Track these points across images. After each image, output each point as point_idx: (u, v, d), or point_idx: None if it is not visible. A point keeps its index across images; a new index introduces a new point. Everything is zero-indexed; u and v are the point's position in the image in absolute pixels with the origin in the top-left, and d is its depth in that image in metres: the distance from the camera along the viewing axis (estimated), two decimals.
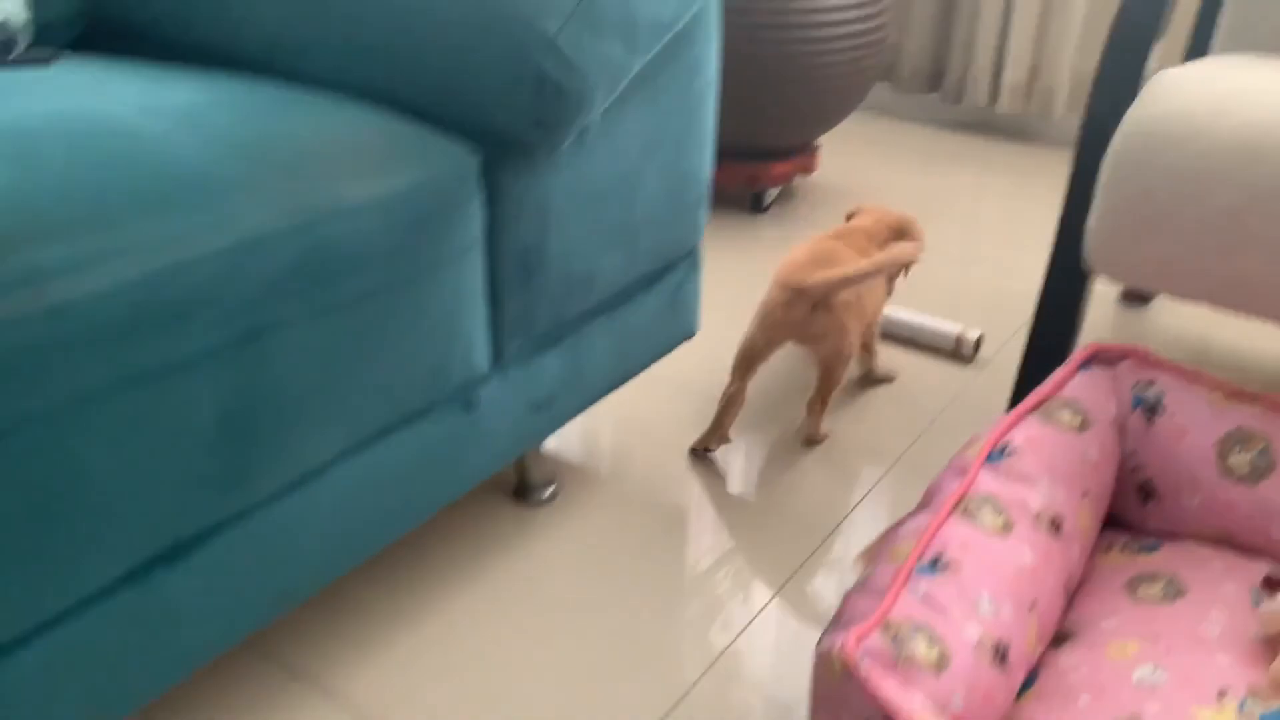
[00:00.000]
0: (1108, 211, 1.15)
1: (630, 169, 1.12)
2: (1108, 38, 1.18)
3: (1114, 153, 1.14)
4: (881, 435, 1.48)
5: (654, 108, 1.12)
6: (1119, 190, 1.13)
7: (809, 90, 2.01)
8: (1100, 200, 1.16)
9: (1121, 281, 1.18)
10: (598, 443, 1.44)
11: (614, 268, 1.15)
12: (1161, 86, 1.14)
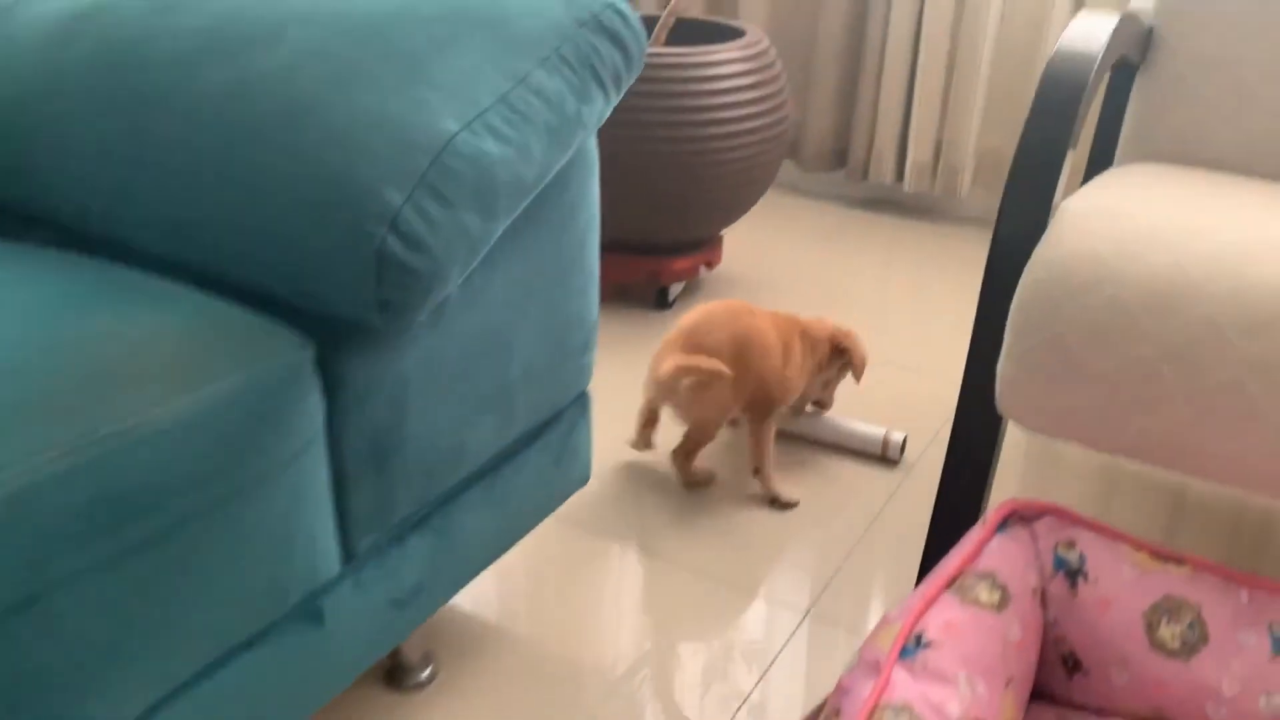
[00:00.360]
0: (1017, 357, 1.07)
1: (502, 328, 1.01)
2: (1014, 160, 1.11)
3: (1021, 295, 1.07)
4: (799, 572, 1.38)
5: (526, 260, 1.02)
6: (1028, 336, 1.06)
7: (709, 189, 1.92)
8: (1009, 344, 1.08)
9: (1034, 431, 1.10)
10: (479, 605, 1.32)
11: (487, 434, 1.04)
12: (1068, 223, 1.07)
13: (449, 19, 0.92)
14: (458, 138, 0.84)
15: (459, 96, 0.87)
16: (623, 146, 1.86)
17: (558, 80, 0.93)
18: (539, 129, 0.91)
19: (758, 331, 1.52)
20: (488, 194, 0.86)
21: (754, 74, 1.91)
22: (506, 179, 0.88)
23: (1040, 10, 2.31)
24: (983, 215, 2.62)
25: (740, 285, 2.21)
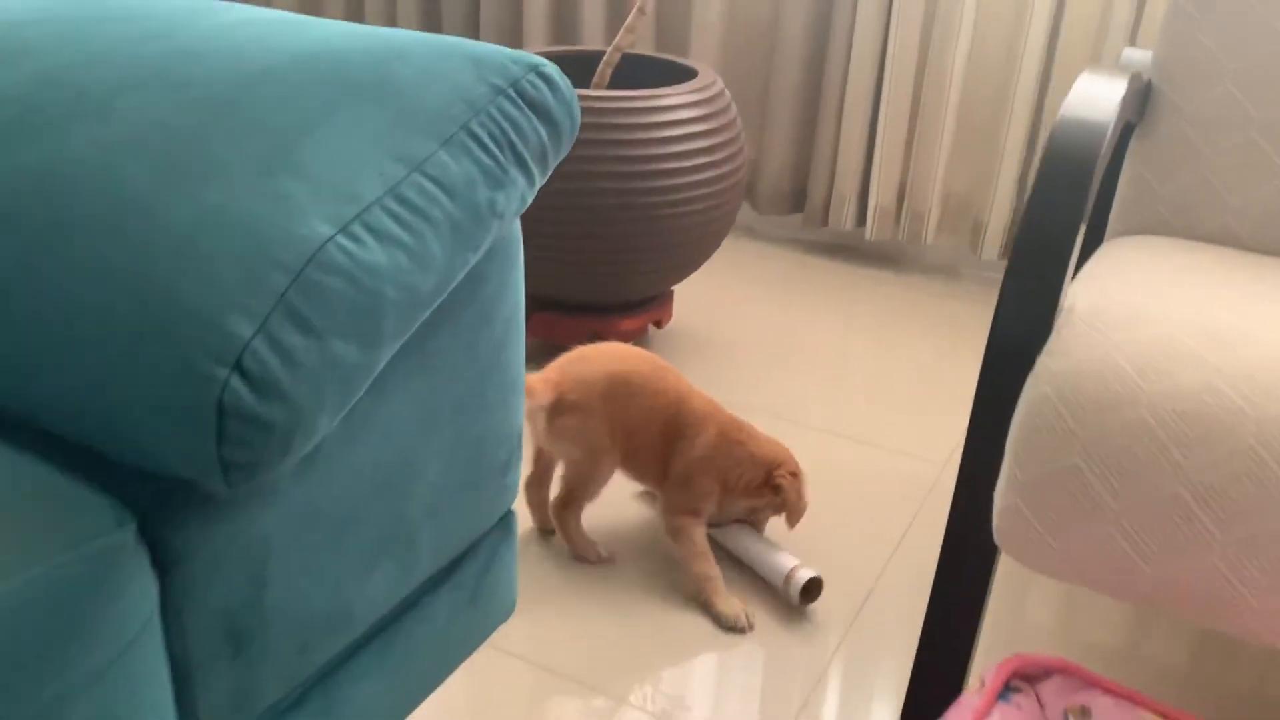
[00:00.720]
0: (1021, 488, 0.90)
1: (400, 460, 0.82)
2: (1015, 246, 0.94)
3: (1026, 415, 0.90)
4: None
5: (431, 376, 0.83)
6: (1034, 464, 0.89)
7: (659, 244, 1.75)
8: (1011, 471, 0.91)
9: (1038, 571, 0.93)
10: None
11: (381, 589, 0.85)
12: (1078, 328, 0.91)
13: (324, 87, 0.73)
14: (330, 245, 0.66)
15: (334, 189, 0.68)
16: (563, 198, 1.68)
17: (466, 164, 0.75)
18: (440, 227, 0.72)
19: (651, 381, 1.41)
20: (370, 316, 0.67)
21: (708, 119, 1.74)
22: (396, 295, 0.69)
23: (1011, 47, 2.17)
24: (949, 263, 2.47)
25: (690, 344, 2.03)
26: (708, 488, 1.40)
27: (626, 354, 1.44)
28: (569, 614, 1.34)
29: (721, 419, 1.42)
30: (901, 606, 1.37)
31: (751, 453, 1.40)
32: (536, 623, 1.32)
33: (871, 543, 1.49)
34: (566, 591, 1.38)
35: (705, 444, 1.40)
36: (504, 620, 1.07)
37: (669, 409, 1.41)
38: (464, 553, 0.97)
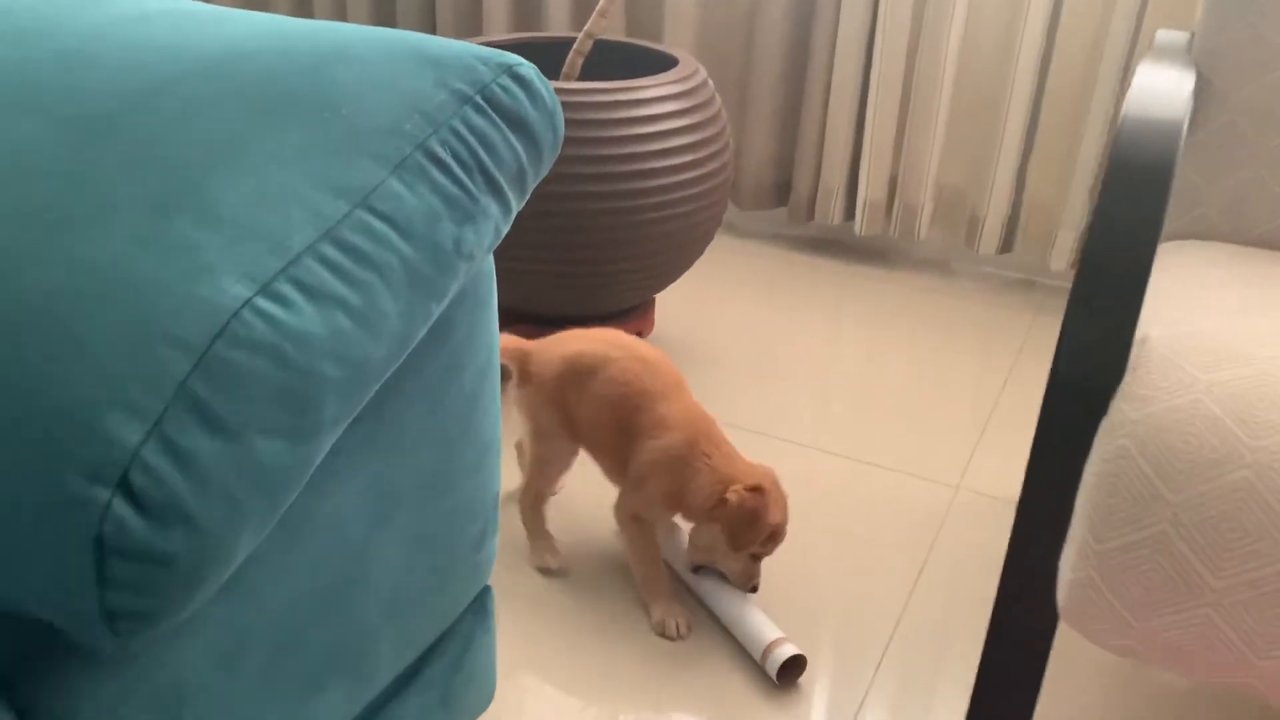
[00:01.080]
0: (1097, 558, 0.76)
1: (350, 559, 0.67)
2: (1080, 271, 0.80)
3: (1103, 473, 0.75)
4: None
5: (387, 452, 0.68)
6: (1114, 530, 0.75)
7: (639, 252, 1.59)
8: (1083, 538, 0.77)
9: (1115, 653, 0.79)
10: None
11: (332, 710, 0.69)
12: (1160, 366, 0.76)
13: (242, 101, 0.57)
14: (246, 311, 0.50)
15: (252, 236, 0.52)
16: (533, 203, 1.52)
17: (424, 193, 0.59)
18: (393, 277, 0.57)
19: (620, 373, 1.29)
20: (302, 401, 0.51)
21: (691, 113, 1.58)
22: (338, 372, 0.53)
23: (1009, 28, 2.03)
24: (943, 259, 2.33)
25: (672, 355, 1.88)
26: (655, 495, 1.26)
27: (610, 340, 1.33)
28: (552, 674, 1.19)
29: (696, 430, 1.26)
30: (924, 665, 1.24)
31: (714, 467, 1.24)
32: (520, 687, 1.17)
33: (882, 585, 1.35)
34: (551, 640, 1.23)
35: (661, 449, 1.25)
36: (481, 712, 0.92)
37: (628, 404, 1.28)
38: (432, 647, 0.82)
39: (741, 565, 1.25)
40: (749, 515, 1.20)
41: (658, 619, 1.25)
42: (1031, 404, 1.78)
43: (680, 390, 1.30)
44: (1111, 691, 1.21)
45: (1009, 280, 2.26)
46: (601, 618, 1.28)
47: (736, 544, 1.21)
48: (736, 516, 1.20)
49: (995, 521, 1.48)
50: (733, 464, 1.25)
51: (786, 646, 1.18)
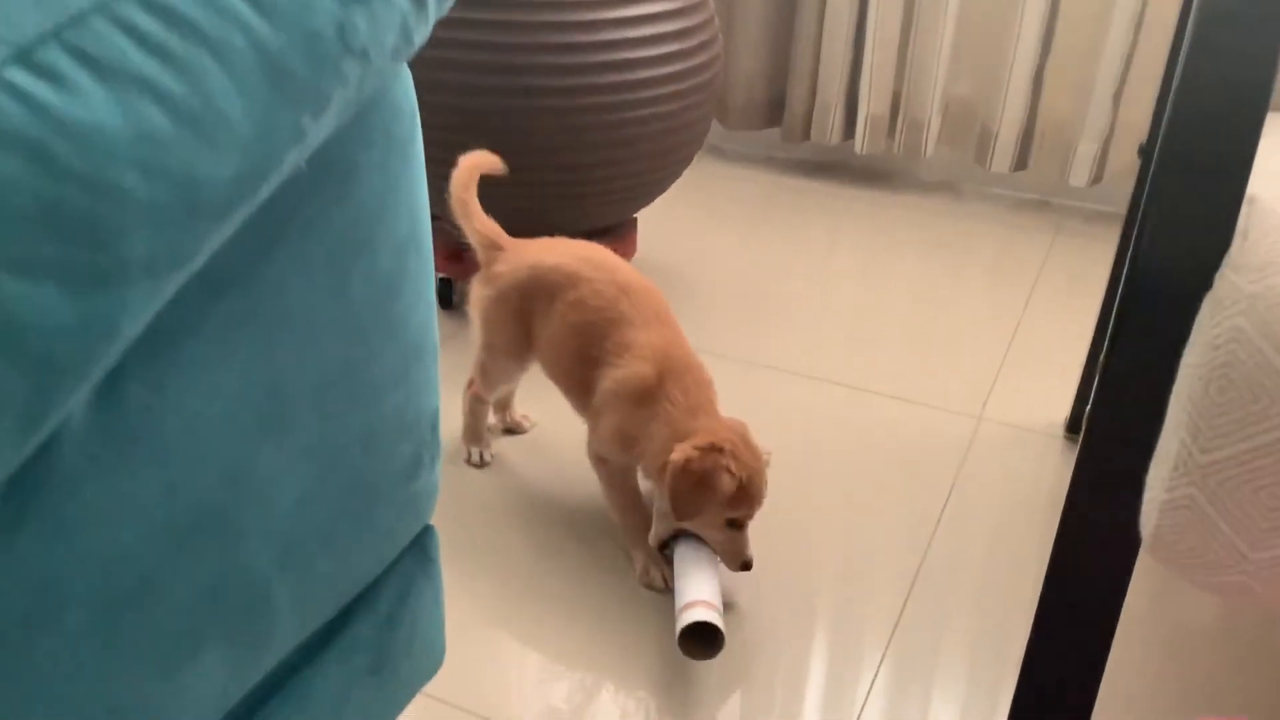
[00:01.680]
0: (1202, 474, 0.59)
1: (220, 482, 0.50)
2: (1164, 132, 0.62)
3: (1209, 363, 0.59)
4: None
5: (268, 337, 0.50)
6: (1225, 436, 0.58)
7: (617, 162, 1.41)
8: (1183, 448, 0.60)
9: (1220, 594, 0.63)
10: None
11: (215, 678, 0.53)
12: (1276, 227, 0.59)
13: None
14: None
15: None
16: (497, 104, 1.34)
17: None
18: (239, 62, 0.39)
19: (589, 294, 1.13)
20: (86, 225, 0.34)
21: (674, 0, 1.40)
22: (150, 190, 0.36)
23: None
24: (951, 179, 2.15)
25: (656, 281, 1.71)
26: (606, 432, 1.11)
27: (590, 257, 1.17)
28: (501, 640, 1.03)
29: (668, 368, 1.08)
30: (951, 613, 1.08)
31: (672, 418, 1.05)
32: (466, 657, 1.01)
33: (900, 525, 1.19)
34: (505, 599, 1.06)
35: (618, 379, 1.09)
36: (427, 680, 0.75)
37: (595, 331, 1.12)
38: (356, 601, 0.65)
39: (723, 537, 1.05)
40: (694, 480, 1.00)
41: (640, 568, 1.10)
42: (1057, 329, 1.61)
43: (662, 323, 1.13)
44: (1184, 657, 1.05)
45: (1024, 201, 2.08)
46: (581, 572, 1.12)
47: (678, 512, 1.02)
48: (678, 479, 1.00)
49: (1024, 453, 1.31)
50: (695, 418, 1.06)
51: (697, 612, 0.97)
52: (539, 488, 1.24)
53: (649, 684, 0.97)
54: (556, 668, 0.99)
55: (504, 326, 1.19)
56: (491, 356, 1.22)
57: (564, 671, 0.99)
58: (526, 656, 1.00)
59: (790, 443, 1.31)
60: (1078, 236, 1.93)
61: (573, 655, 1.00)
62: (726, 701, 0.96)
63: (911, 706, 0.96)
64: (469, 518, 1.18)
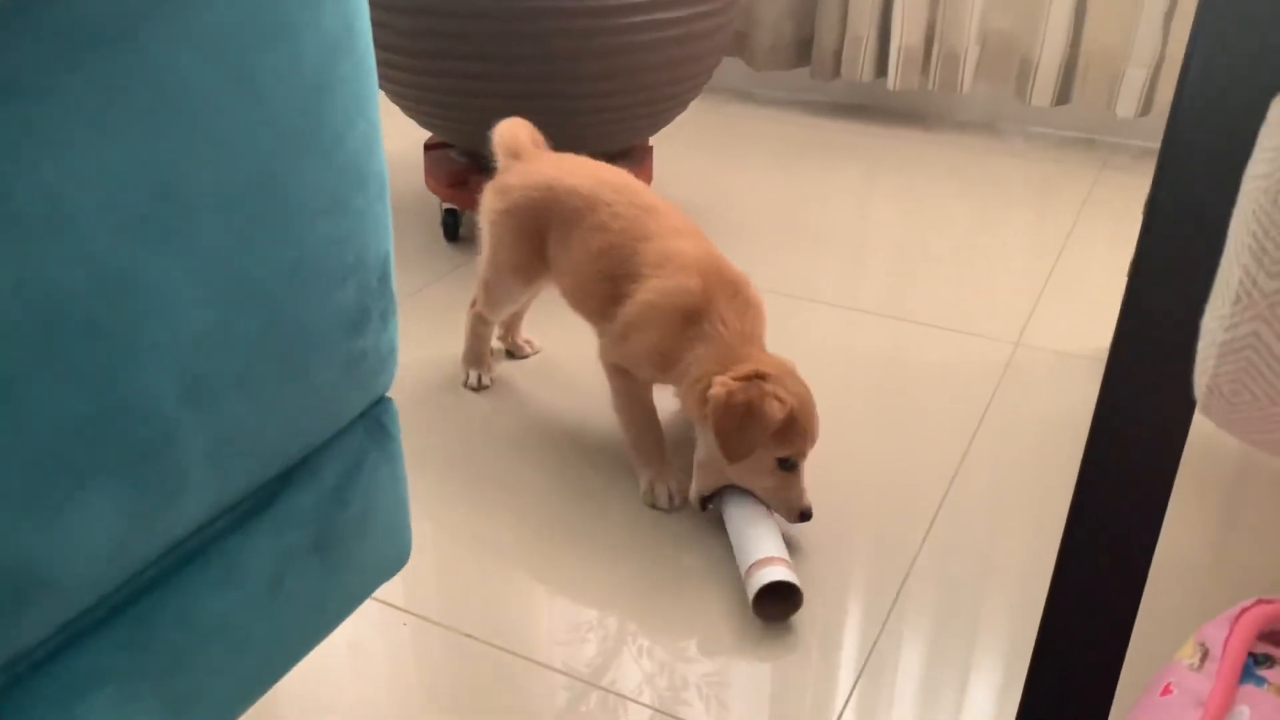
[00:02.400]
0: (1270, 304, 0.50)
1: (96, 282, 0.42)
2: None
3: (1266, 204, 0.50)
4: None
5: (147, 114, 0.43)
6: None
7: (624, 74, 1.33)
8: (1246, 277, 0.51)
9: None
10: None
11: (105, 528, 0.46)
12: None
13: None
14: None
15: None
16: (495, 21, 1.26)
17: None
18: None
19: (610, 214, 1.05)
20: None
21: None
22: None
23: None
24: (989, 117, 2.05)
25: None
26: (642, 348, 1.00)
27: (609, 180, 1.09)
28: (461, 554, 0.95)
29: (717, 284, 0.99)
30: (982, 523, 0.99)
31: (725, 341, 0.96)
32: (426, 567, 0.94)
33: (933, 445, 1.10)
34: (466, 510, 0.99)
35: (664, 290, 0.99)
36: (390, 573, 0.68)
37: (620, 252, 1.03)
38: (295, 470, 0.58)
39: (774, 482, 0.95)
40: (740, 413, 0.91)
41: (645, 485, 1.02)
42: (1100, 262, 1.51)
43: (697, 236, 1.05)
44: (1234, 541, 0.95)
45: (1066, 139, 1.97)
46: (586, 498, 1.04)
47: (727, 452, 0.92)
48: (723, 415, 0.91)
49: (1065, 378, 1.22)
50: (747, 345, 0.97)
51: (773, 570, 0.87)
52: (542, 413, 1.16)
53: (656, 612, 0.90)
54: (562, 596, 0.91)
55: (512, 244, 1.11)
56: (496, 273, 1.14)
57: (571, 600, 0.91)
58: (532, 584, 0.93)
59: (822, 371, 1.22)
60: (1124, 173, 1.82)
61: (579, 582, 0.93)
62: (750, 625, 0.88)
63: (936, 626, 0.87)
64: (471, 441, 1.11)
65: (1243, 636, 0.49)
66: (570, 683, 0.82)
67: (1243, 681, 0.49)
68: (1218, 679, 0.48)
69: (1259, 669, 0.49)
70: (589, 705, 0.80)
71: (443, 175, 1.46)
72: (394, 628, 0.87)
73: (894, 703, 0.81)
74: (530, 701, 0.81)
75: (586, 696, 0.81)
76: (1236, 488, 1.05)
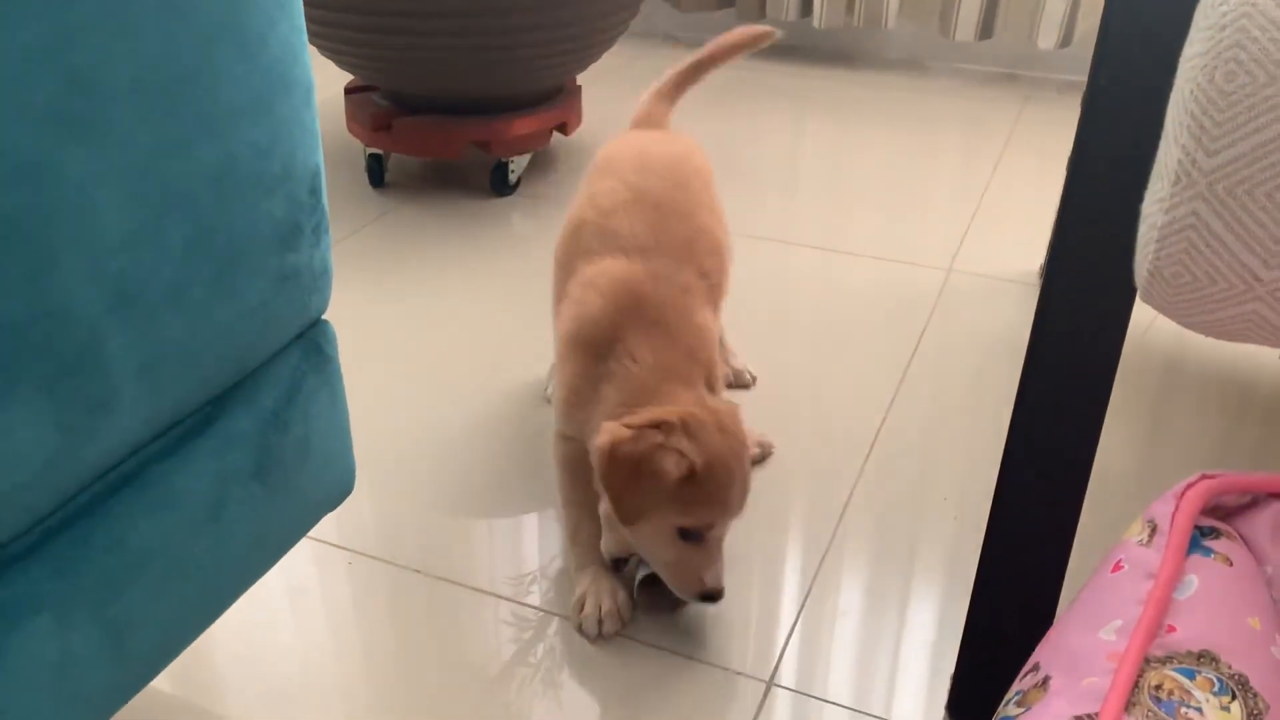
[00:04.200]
0: (1209, 183, 0.51)
1: (7, 170, 0.40)
2: None
3: (1217, 48, 0.50)
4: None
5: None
6: (1238, 133, 0.49)
7: (553, 10, 1.31)
8: (1185, 157, 0.52)
9: (1222, 337, 0.55)
10: None
11: (34, 440, 0.43)
12: None
13: None
14: None
15: None
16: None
17: None
18: None
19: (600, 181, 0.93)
20: None
21: None
22: None
23: None
24: (913, 55, 2.05)
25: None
26: (558, 395, 0.86)
27: (645, 142, 1.01)
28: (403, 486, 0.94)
29: (632, 302, 0.82)
30: (925, 438, 1.00)
31: (629, 376, 0.79)
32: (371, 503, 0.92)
33: (873, 370, 1.11)
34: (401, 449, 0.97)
35: (579, 288, 0.85)
36: (335, 503, 0.66)
37: (572, 225, 0.92)
38: (231, 392, 0.56)
39: (673, 555, 0.76)
40: (626, 467, 0.73)
41: (577, 599, 0.80)
42: (1026, 191, 1.53)
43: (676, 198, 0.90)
44: (1179, 419, 0.97)
45: (991, 74, 1.99)
46: (523, 423, 1.03)
47: (618, 513, 0.75)
48: (606, 466, 0.74)
49: (997, 301, 1.23)
50: (667, 383, 0.79)
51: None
52: (471, 349, 1.14)
53: None
54: (508, 527, 0.90)
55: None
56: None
57: (517, 530, 0.90)
58: (476, 517, 0.92)
59: (759, 305, 1.23)
60: (1047, 106, 1.84)
61: (524, 513, 0.92)
62: None
63: (876, 553, 0.88)
64: (399, 383, 1.09)
65: (1188, 511, 0.50)
66: (518, 609, 0.82)
67: (1190, 553, 0.49)
68: (1166, 551, 0.48)
69: (1205, 540, 0.50)
70: (541, 631, 0.80)
71: (366, 119, 1.43)
72: (336, 565, 0.86)
73: (835, 630, 0.81)
74: (480, 629, 0.80)
75: (538, 622, 0.80)
76: (1166, 383, 1.08)
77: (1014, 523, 0.67)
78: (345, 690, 0.75)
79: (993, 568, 0.69)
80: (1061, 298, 0.61)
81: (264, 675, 0.76)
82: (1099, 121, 0.57)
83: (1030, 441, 0.65)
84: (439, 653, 0.78)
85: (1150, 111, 0.54)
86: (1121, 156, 0.57)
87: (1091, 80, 0.57)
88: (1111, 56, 0.56)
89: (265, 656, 0.78)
